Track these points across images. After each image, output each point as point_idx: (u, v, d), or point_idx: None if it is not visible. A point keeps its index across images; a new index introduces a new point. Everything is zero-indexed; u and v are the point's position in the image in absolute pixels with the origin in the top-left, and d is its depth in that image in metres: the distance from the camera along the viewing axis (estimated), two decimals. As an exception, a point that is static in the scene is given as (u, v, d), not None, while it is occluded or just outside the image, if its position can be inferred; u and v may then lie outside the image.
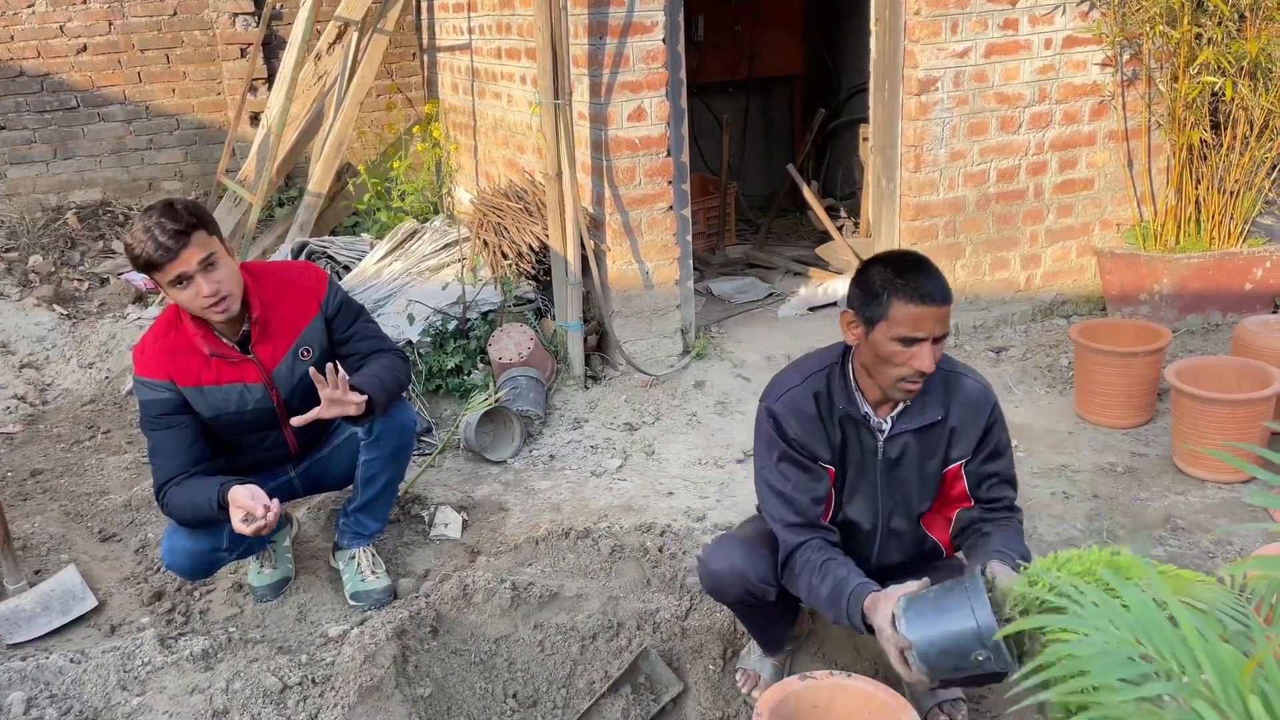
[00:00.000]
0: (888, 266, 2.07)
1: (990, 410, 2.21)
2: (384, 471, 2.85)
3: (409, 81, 6.63)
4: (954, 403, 2.19)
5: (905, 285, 2.02)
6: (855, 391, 2.19)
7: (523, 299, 4.43)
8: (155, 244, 2.37)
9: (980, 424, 2.20)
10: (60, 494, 3.64)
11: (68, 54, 6.16)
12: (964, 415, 2.19)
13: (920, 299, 2.01)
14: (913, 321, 2.02)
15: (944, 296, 2.04)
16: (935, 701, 2.39)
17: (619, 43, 3.97)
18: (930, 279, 2.04)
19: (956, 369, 2.24)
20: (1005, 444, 2.25)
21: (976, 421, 2.20)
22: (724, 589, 2.27)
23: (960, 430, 2.20)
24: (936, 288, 2.03)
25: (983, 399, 2.21)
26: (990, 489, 2.24)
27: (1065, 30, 4.43)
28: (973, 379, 2.23)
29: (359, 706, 2.32)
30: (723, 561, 2.26)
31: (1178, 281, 4.36)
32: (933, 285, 2.03)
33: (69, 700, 2.45)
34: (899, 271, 2.05)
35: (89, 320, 5.23)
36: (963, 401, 2.20)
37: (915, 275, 2.03)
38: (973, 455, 2.22)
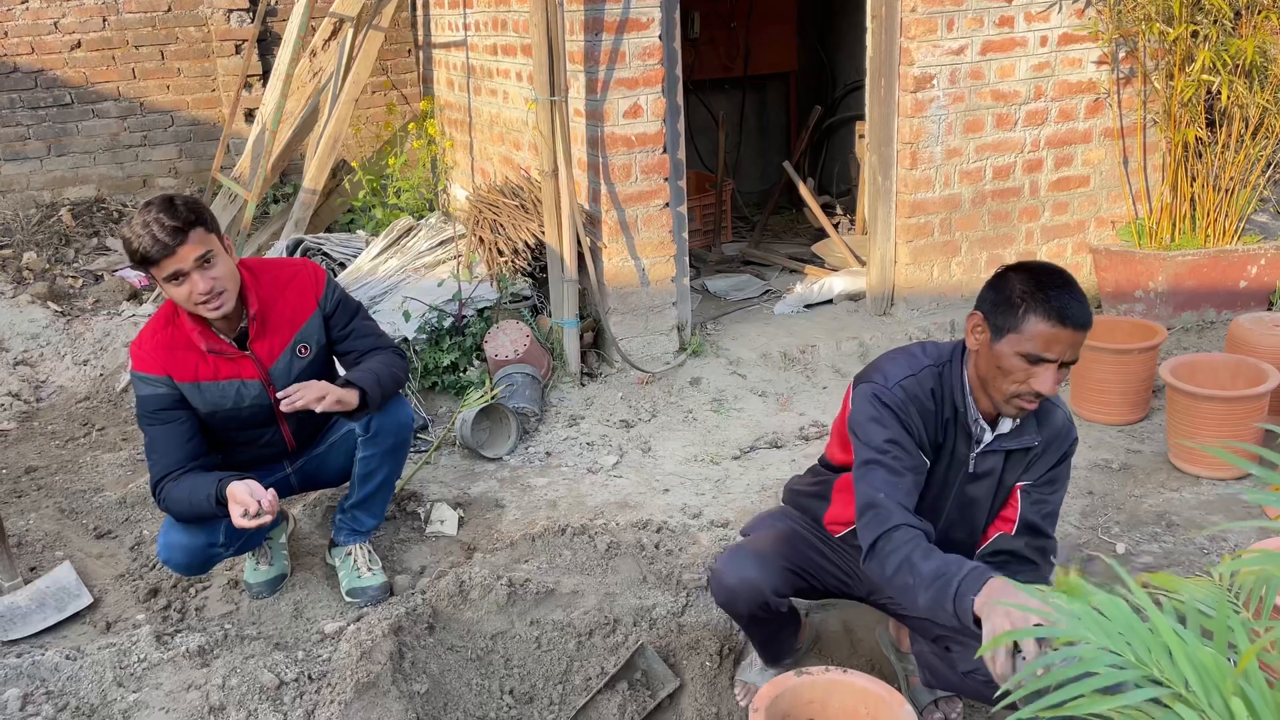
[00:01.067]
0: (1032, 277, 1.96)
1: (1070, 444, 2.18)
2: (380, 468, 2.84)
3: (404, 78, 6.62)
4: (1044, 430, 2.15)
5: (1047, 301, 1.92)
6: (968, 396, 2.10)
7: (519, 296, 4.42)
8: (152, 239, 2.36)
9: (1057, 454, 2.16)
10: (55, 491, 3.63)
11: (61, 50, 6.14)
12: (1049, 443, 2.15)
13: (1060, 319, 1.91)
14: (1045, 341, 1.92)
15: (1084, 321, 1.93)
16: (932, 698, 2.40)
17: (615, 39, 3.97)
18: (1075, 300, 1.93)
19: (1049, 397, 2.11)
20: (1066, 479, 2.21)
21: (1057, 451, 2.16)
22: (737, 602, 2.24)
23: (1041, 457, 2.16)
24: (1080, 311, 1.92)
25: (1066, 430, 2.17)
26: (1039, 516, 2.18)
27: (1061, 28, 4.44)
28: (1062, 410, 2.19)
29: (355, 703, 2.31)
30: (736, 574, 2.22)
31: (1173, 279, 4.37)
32: (1076, 307, 1.92)
33: (65, 697, 2.45)
34: (1043, 285, 1.94)
35: (83, 317, 5.21)
36: (1051, 430, 2.15)
37: (1060, 293, 1.92)
38: (1039, 479, 2.17)
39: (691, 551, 2.95)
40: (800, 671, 2.12)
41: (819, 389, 4.20)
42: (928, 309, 4.60)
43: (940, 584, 1.83)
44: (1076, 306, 1.93)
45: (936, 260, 4.57)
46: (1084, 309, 1.94)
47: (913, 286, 4.57)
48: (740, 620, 2.35)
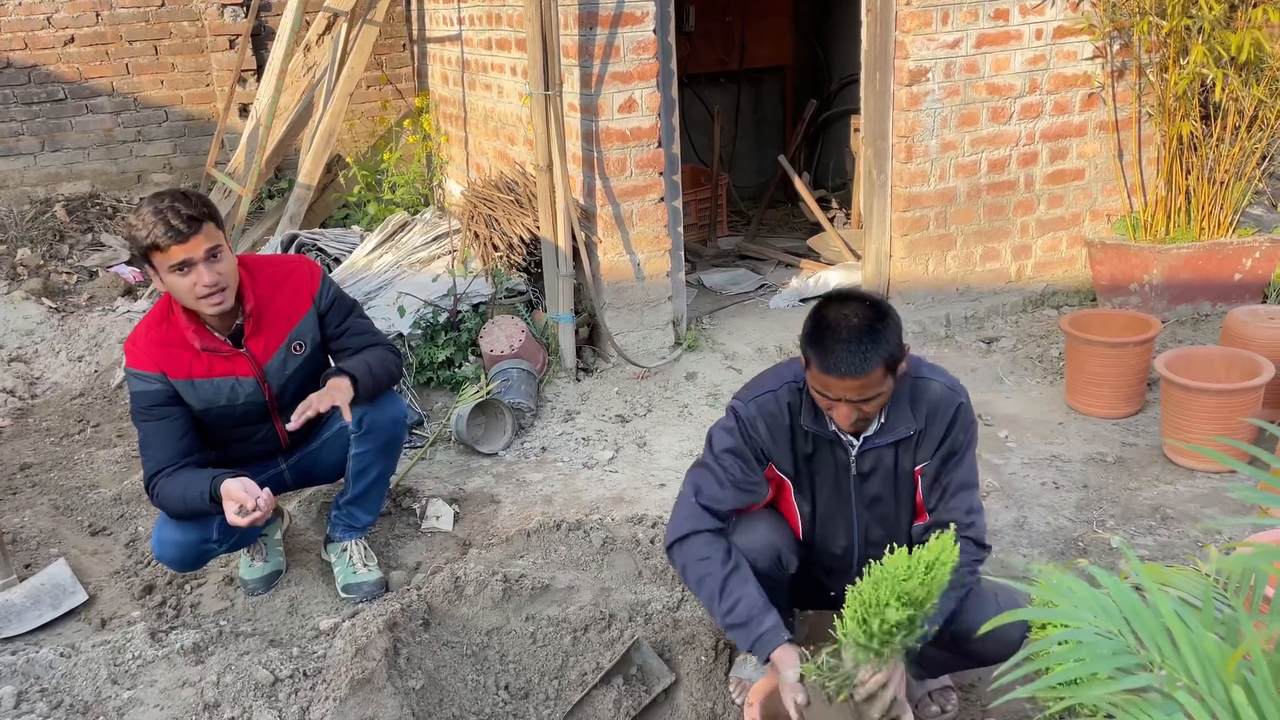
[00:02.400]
0: (822, 320, 2.03)
1: (954, 412, 2.16)
2: (375, 464, 2.84)
3: (399, 73, 6.60)
4: (921, 409, 2.17)
5: (820, 352, 2.00)
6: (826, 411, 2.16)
7: (514, 291, 4.42)
8: (166, 226, 2.37)
9: (942, 427, 2.16)
10: (50, 488, 3.63)
11: (55, 45, 6.11)
12: (931, 418, 2.17)
13: (826, 369, 1.99)
14: (823, 384, 2.03)
15: (851, 372, 1.97)
16: (925, 690, 2.40)
17: (609, 33, 3.96)
18: (840, 350, 1.97)
19: (922, 373, 2.19)
20: (966, 449, 2.18)
21: (941, 422, 2.17)
22: (755, 560, 2.23)
23: (926, 433, 2.18)
24: (847, 362, 1.96)
25: (947, 400, 2.17)
26: (946, 500, 2.18)
27: (1056, 21, 4.43)
28: (939, 381, 2.19)
29: (350, 699, 2.31)
30: (749, 533, 2.24)
31: (1168, 272, 4.37)
32: (846, 358, 1.96)
33: (59, 694, 2.45)
34: (821, 333, 2.01)
35: (77, 314, 5.20)
36: (930, 405, 2.17)
37: (833, 343, 1.98)
38: (932, 456, 2.19)
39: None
40: (795, 666, 2.12)
41: (814, 383, 4.19)
42: (923, 303, 4.60)
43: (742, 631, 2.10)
44: (846, 357, 1.97)
45: (932, 254, 4.56)
46: (853, 359, 1.96)
47: (908, 280, 4.57)
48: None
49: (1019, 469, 3.44)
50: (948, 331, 4.55)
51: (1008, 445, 3.61)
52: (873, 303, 2.05)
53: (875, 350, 1.98)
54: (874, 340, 1.99)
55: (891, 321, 2.03)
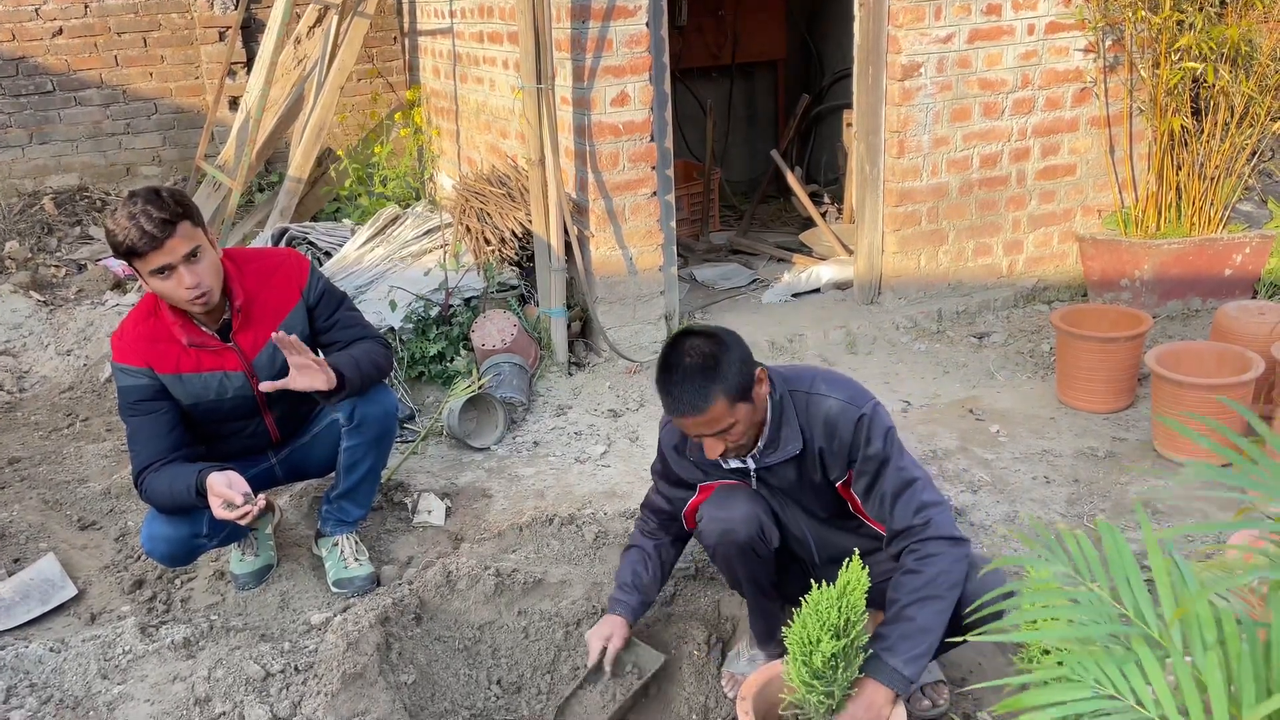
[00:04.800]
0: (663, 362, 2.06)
1: (854, 426, 2.11)
2: (366, 458, 2.83)
3: (390, 66, 6.57)
4: (814, 427, 2.15)
5: (662, 393, 2.06)
6: None
7: (506, 285, 4.41)
8: (140, 232, 2.33)
9: (846, 442, 2.12)
10: (39, 482, 3.61)
11: (43, 37, 6.07)
12: (829, 435, 2.14)
13: (669, 411, 2.07)
14: (678, 423, 2.09)
15: (688, 409, 2.01)
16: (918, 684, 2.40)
17: (602, 27, 3.94)
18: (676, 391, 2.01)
19: (818, 389, 2.16)
20: (885, 453, 2.12)
21: (842, 441, 2.13)
22: (736, 530, 2.24)
23: (828, 451, 2.16)
24: (680, 402, 2.01)
25: (844, 417, 2.12)
26: (890, 510, 2.13)
27: (1048, 16, 4.44)
28: (835, 397, 2.15)
29: (342, 694, 2.31)
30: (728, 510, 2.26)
31: (1158, 267, 4.39)
32: (676, 400, 2.02)
33: (49, 689, 2.43)
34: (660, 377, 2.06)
35: (66, 307, 5.17)
36: (824, 422, 2.14)
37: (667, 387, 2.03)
38: (850, 475, 2.17)
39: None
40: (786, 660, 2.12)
41: (806, 378, 4.20)
42: (915, 298, 4.61)
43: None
44: (682, 397, 2.01)
45: (924, 249, 4.57)
46: (690, 398, 2.00)
47: (900, 275, 4.57)
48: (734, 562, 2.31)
49: (1010, 463, 3.45)
50: (939, 326, 4.56)
51: (999, 440, 3.62)
52: (710, 335, 2.07)
53: (712, 385, 2.00)
54: (708, 376, 2.00)
55: (729, 351, 2.03)
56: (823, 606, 1.93)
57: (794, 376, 2.22)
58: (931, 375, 4.18)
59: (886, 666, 2.01)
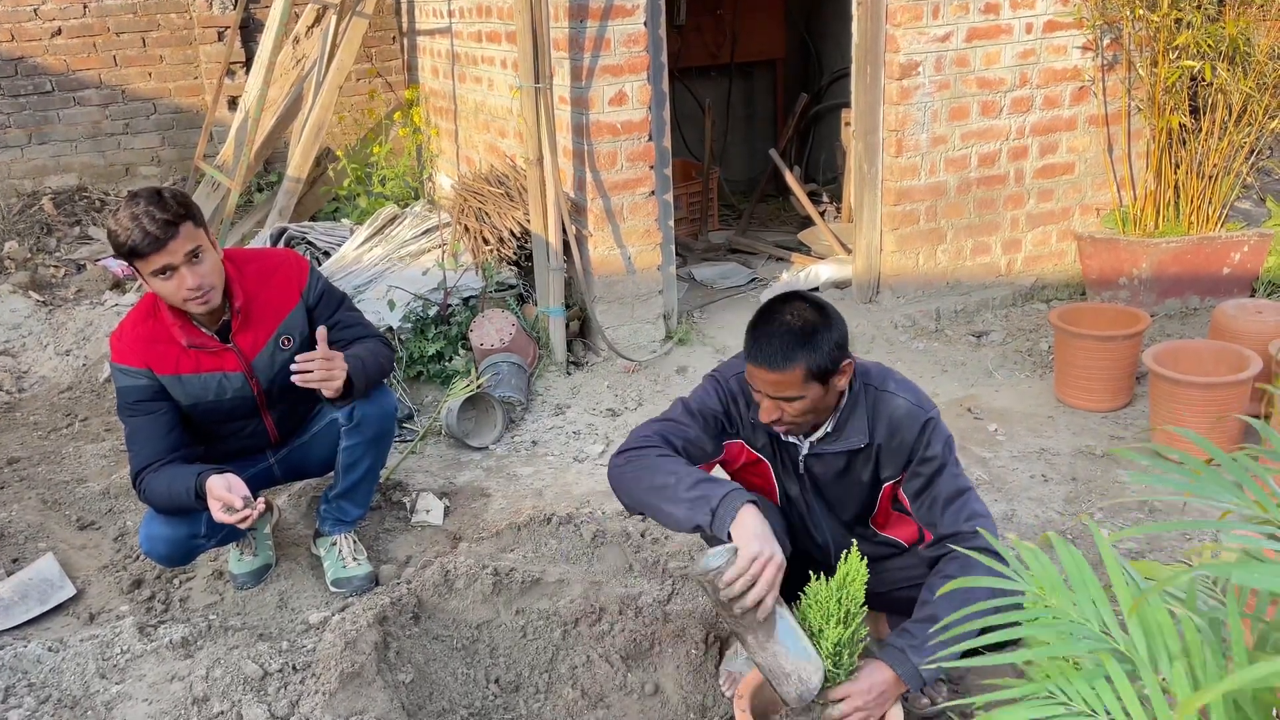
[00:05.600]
0: (760, 311, 2.05)
1: (920, 429, 2.12)
2: (365, 458, 2.83)
3: (389, 65, 6.57)
4: (880, 424, 2.13)
5: (750, 340, 2.02)
6: None
7: (504, 285, 4.41)
8: (143, 233, 2.33)
9: (908, 441, 2.12)
10: (38, 482, 3.61)
11: (42, 37, 6.08)
12: (892, 434, 2.13)
13: (751, 357, 2.02)
14: (750, 374, 2.04)
15: (770, 361, 1.97)
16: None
17: (600, 26, 3.94)
18: (766, 342, 1.99)
19: (889, 387, 2.15)
20: (944, 461, 2.13)
21: (903, 441, 2.12)
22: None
23: (886, 450, 2.15)
24: (765, 351, 1.98)
25: (910, 419, 2.12)
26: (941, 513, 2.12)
27: (1046, 14, 4.44)
28: (904, 398, 2.14)
29: (340, 693, 2.31)
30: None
31: (1156, 266, 4.39)
32: (761, 348, 1.99)
33: (47, 689, 2.44)
34: (756, 323, 2.04)
35: (66, 307, 5.18)
36: (891, 421, 2.13)
37: (760, 333, 2.01)
38: (904, 476, 2.16)
39: (677, 540, 2.95)
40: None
41: (805, 377, 4.20)
42: (913, 296, 4.61)
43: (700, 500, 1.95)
44: (769, 348, 1.98)
45: (922, 248, 4.57)
46: (775, 353, 1.97)
47: (898, 274, 4.57)
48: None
49: (1008, 462, 3.45)
50: (938, 325, 4.56)
51: (997, 438, 3.62)
52: (819, 306, 2.05)
53: (800, 351, 1.97)
54: (803, 342, 1.98)
55: (830, 330, 2.01)
56: (822, 598, 1.94)
57: (868, 371, 2.19)
58: (930, 374, 4.19)
59: (909, 662, 2.00)
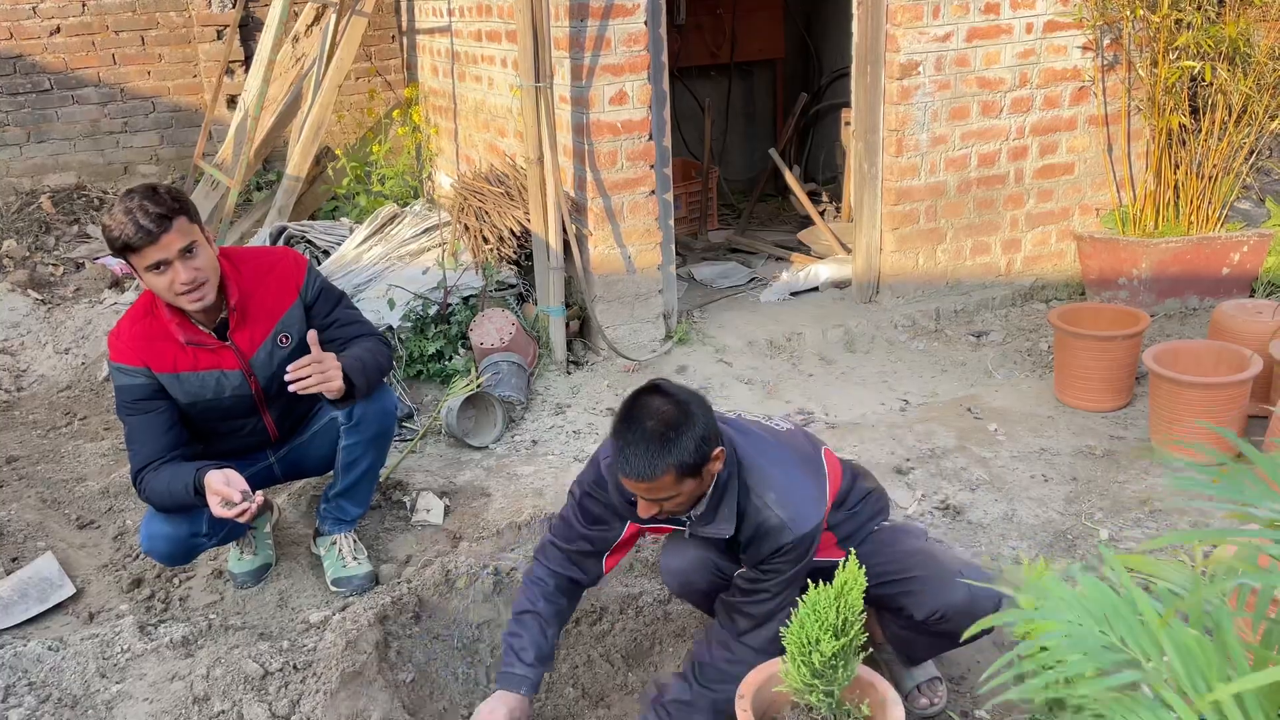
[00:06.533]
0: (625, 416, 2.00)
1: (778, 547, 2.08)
2: (364, 457, 2.83)
3: (388, 64, 6.57)
4: (745, 524, 2.11)
5: (615, 446, 1.99)
6: None
7: (504, 284, 4.41)
8: (136, 227, 2.33)
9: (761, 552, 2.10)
10: (37, 481, 3.60)
11: (40, 35, 6.07)
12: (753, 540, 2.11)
13: (621, 470, 1.98)
14: (624, 481, 2.01)
15: (638, 474, 1.95)
16: (915, 683, 2.41)
17: (600, 25, 3.94)
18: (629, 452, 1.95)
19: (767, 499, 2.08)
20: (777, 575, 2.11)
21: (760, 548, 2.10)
22: (694, 579, 2.27)
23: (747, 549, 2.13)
24: (629, 463, 1.95)
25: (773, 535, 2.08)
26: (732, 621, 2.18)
27: (1046, 15, 4.44)
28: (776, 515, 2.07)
29: (341, 692, 2.31)
30: (682, 558, 2.27)
31: (1156, 266, 4.39)
32: (626, 459, 1.95)
33: (47, 688, 2.43)
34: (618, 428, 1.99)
35: (64, 305, 5.17)
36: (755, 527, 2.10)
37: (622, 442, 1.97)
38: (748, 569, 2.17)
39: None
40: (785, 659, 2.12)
41: (805, 376, 4.20)
42: (913, 296, 4.61)
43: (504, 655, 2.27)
44: (634, 460, 1.95)
45: (922, 247, 4.57)
46: (640, 463, 1.94)
47: (898, 274, 4.58)
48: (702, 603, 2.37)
49: (1008, 462, 3.45)
50: (937, 325, 4.56)
51: (997, 438, 3.62)
52: (679, 402, 2.00)
53: (666, 457, 1.94)
54: (665, 447, 1.94)
55: (693, 428, 1.97)
56: (820, 606, 1.93)
57: (749, 463, 2.13)
58: (930, 374, 4.19)
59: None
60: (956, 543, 2.98)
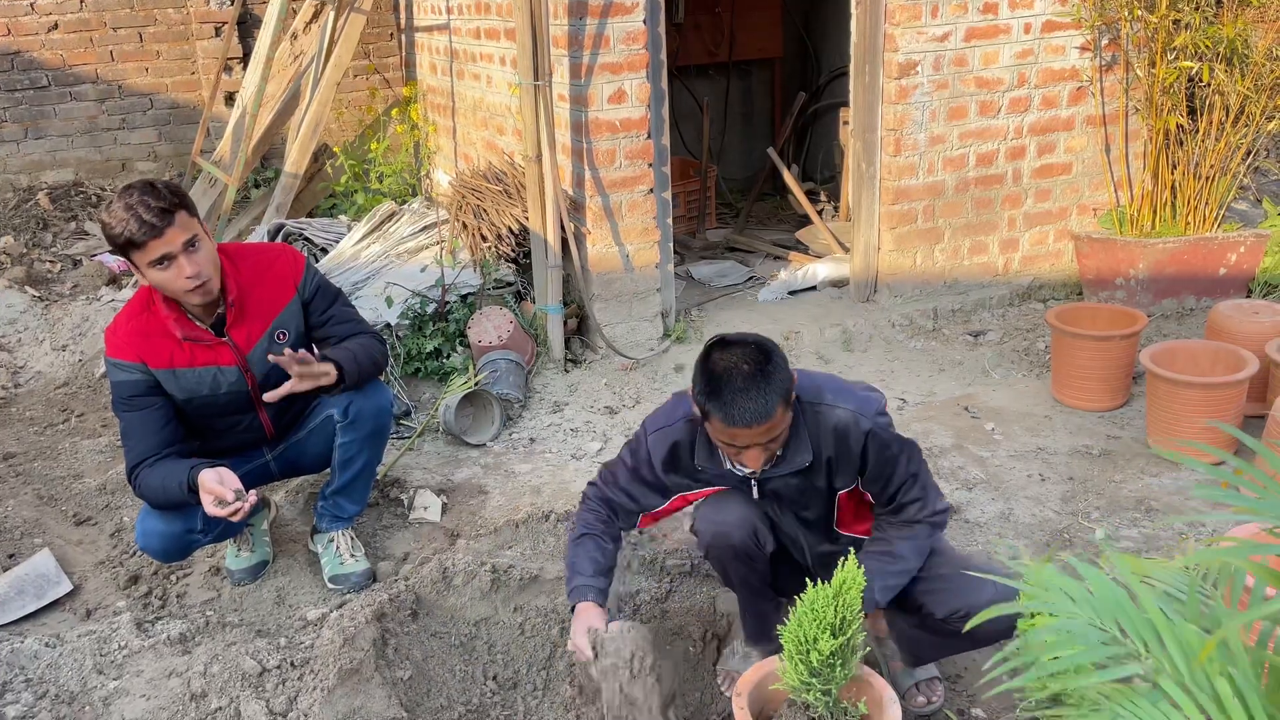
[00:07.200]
0: (713, 372, 2.00)
1: (864, 438, 2.13)
2: (361, 454, 2.83)
3: (386, 62, 6.56)
4: (823, 439, 2.15)
5: (720, 406, 1.98)
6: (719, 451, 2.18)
7: (502, 282, 4.41)
8: (139, 222, 2.33)
9: (855, 451, 2.14)
10: (34, 478, 3.60)
11: (38, 32, 6.06)
12: (836, 447, 2.15)
13: (731, 421, 1.97)
14: (729, 436, 2.02)
15: (756, 417, 1.96)
16: (913, 681, 2.41)
17: (599, 24, 3.94)
18: (744, 400, 1.95)
19: (824, 399, 2.15)
20: (893, 458, 2.17)
21: (850, 450, 2.15)
22: (731, 534, 2.26)
23: (837, 460, 2.17)
24: (748, 410, 1.95)
25: (849, 427, 2.13)
26: (896, 501, 2.21)
27: (1044, 15, 4.44)
28: (842, 409, 2.14)
29: (339, 689, 2.31)
30: (722, 513, 2.27)
31: (1153, 266, 4.40)
32: (741, 410, 1.96)
33: (45, 684, 2.43)
34: (717, 387, 1.98)
35: (62, 302, 5.16)
36: (832, 434, 2.14)
37: (725, 397, 1.97)
38: (860, 481, 2.21)
39: (675, 537, 2.95)
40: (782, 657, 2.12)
41: (802, 375, 4.20)
42: (911, 295, 4.62)
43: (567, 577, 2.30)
44: (748, 406, 1.96)
45: (920, 247, 4.58)
46: (755, 405, 1.95)
47: (896, 273, 4.58)
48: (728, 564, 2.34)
49: (1005, 461, 3.45)
50: (935, 325, 4.57)
51: (994, 437, 3.63)
52: (756, 344, 2.04)
53: (771, 391, 1.97)
54: (768, 382, 1.97)
55: (777, 357, 2.03)
56: (819, 605, 1.93)
57: (801, 386, 2.18)
58: (927, 373, 4.19)
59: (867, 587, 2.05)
60: (953, 542, 2.98)
